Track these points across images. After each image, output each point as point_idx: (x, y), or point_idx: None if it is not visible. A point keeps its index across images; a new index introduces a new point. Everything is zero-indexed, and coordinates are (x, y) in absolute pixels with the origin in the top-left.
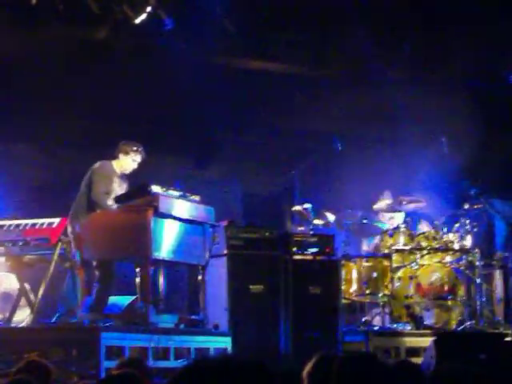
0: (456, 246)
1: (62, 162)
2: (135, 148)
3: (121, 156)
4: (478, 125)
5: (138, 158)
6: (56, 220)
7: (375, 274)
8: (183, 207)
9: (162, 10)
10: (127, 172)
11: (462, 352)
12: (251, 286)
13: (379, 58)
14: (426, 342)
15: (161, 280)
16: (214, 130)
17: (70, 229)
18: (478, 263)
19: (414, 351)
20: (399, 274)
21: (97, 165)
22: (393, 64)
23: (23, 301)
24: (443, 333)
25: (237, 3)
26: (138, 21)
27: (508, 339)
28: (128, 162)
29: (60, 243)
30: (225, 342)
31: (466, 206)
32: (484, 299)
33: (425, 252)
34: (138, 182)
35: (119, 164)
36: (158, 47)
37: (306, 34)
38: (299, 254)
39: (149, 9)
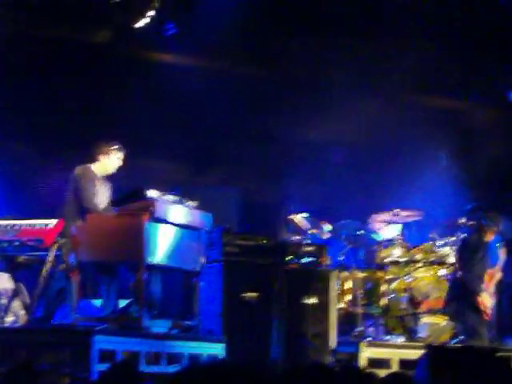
0: (451, 260)
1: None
2: (115, 147)
3: (101, 158)
4: (478, 140)
5: (121, 155)
6: (52, 221)
7: (370, 286)
8: (179, 212)
9: (164, 14)
10: (110, 172)
11: (455, 366)
12: (245, 294)
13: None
14: (419, 354)
15: (155, 285)
16: (213, 137)
17: (65, 231)
18: None
19: (407, 363)
20: (394, 285)
21: (78, 171)
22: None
23: (17, 301)
24: (436, 346)
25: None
26: (139, 25)
27: (500, 354)
28: (112, 161)
29: (56, 245)
30: (217, 349)
31: (463, 220)
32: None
33: (420, 265)
34: (134, 187)
35: (100, 166)
36: (159, 52)
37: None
38: (294, 263)
39: (151, 13)
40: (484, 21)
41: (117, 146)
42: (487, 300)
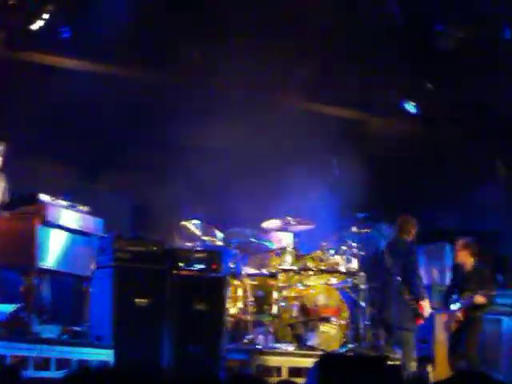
0: (342, 269)
1: None
2: None
3: None
4: (370, 151)
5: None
6: None
7: (261, 293)
8: (71, 217)
9: (59, 17)
10: None
11: (345, 375)
12: (136, 300)
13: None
14: (309, 362)
15: (45, 290)
16: (106, 142)
17: None
18: (362, 286)
19: (297, 371)
20: (285, 293)
21: None
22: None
23: None
24: (327, 355)
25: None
26: (34, 28)
27: (390, 363)
28: None
29: None
30: (107, 355)
31: (354, 229)
32: (368, 322)
33: (311, 273)
34: (26, 191)
35: None
36: (52, 55)
37: (206, 47)
38: (186, 270)
39: (46, 16)
40: (381, 34)
41: None
42: (428, 306)
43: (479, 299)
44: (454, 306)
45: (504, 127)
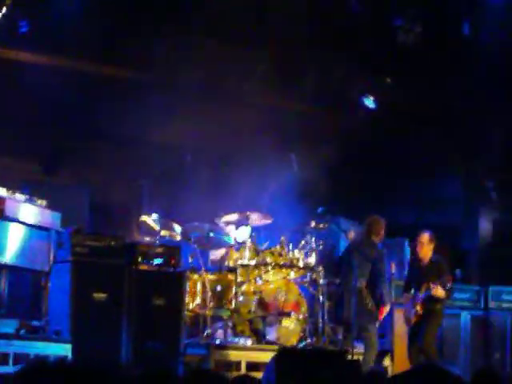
0: (301, 264)
1: None
2: None
3: None
4: (327, 145)
5: None
6: None
7: (220, 288)
8: (29, 212)
9: (17, 11)
10: None
11: (303, 369)
12: (95, 294)
13: (233, 75)
14: (268, 357)
15: (2, 285)
16: (64, 136)
17: None
18: (321, 281)
19: (255, 366)
20: (243, 288)
21: None
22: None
23: None
24: (284, 349)
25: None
26: None
27: (349, 358)
28: None
29: None
30: (65, 350)
31: (313, 224)
32: (326, 317)
33: (270, 268)
34: None
35: None
36: (8, 49)
37: (161, 45)
38: (144, 264)
39: (4, 10)
40: (337, 28)
41: None
42: (387, 312)
43: (437, 291)
44: (413, 300)
45: (462, 122)
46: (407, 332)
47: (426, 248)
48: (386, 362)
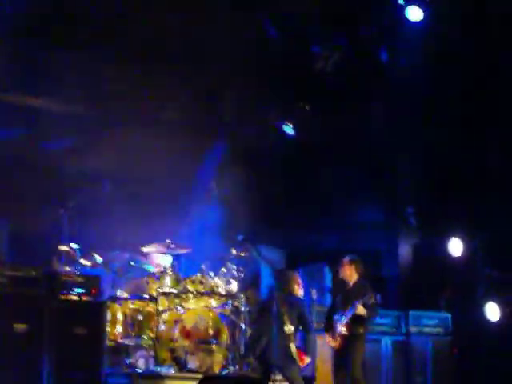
0: (222, 291)
1: None
2: None
3: None
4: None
5: None
6: None
7: (141, 317)
8: None
9: None
10: None
11: None
12: (15, 325)
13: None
14: None
15: None
16: None
17: None
18: (243, 308)
19: None
20: (165, 317)
21: None
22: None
23: None
24: (207, 377)
25: None
26: None
27: None
28: None
29: None
30: None
31: (234, 252)
32: (248, 345)
33: (191, 296)
34: None
35: None
36: None
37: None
38: (65, 294)
39: None
40: (257, 55)
41: None
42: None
43: (359, 309)
44: (338, 323)
45: (382, 148)
46: (332, 357)
47: (348, 270)
48: None
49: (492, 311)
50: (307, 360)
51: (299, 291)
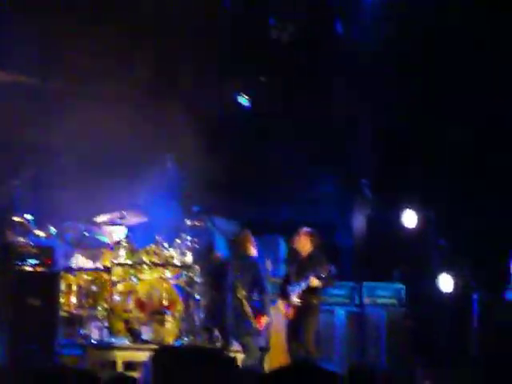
0: (177, 262)
1: None
2: None
3: None
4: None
5: None
6: None
7: (95, 288)
8: None
9: None
10: None
11: (180, 367)
12: None
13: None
14: (144, 356)
15: None
16: None
17: None
18: (197, 279)
19: (132, 365)
20: (119, 288)
21: None
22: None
23: None
24: (161, 348)
25: None
26: None
27: (226, 356)
28: None
29: None
30: None
31: (188, 223)
32: (202, 315)
33: (145, 267)
34: None
35: None
36: None
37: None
38: (19, 265)
39: None
40: (214, 28)
41: None
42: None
43: (314, 281)
44: (292, 294)
45: (334, 121)
46: (285, 327)
47: (304, 240)
48: (263, 358)
49: (445, 283)
50: (264, 320)
51: (252, 250)
